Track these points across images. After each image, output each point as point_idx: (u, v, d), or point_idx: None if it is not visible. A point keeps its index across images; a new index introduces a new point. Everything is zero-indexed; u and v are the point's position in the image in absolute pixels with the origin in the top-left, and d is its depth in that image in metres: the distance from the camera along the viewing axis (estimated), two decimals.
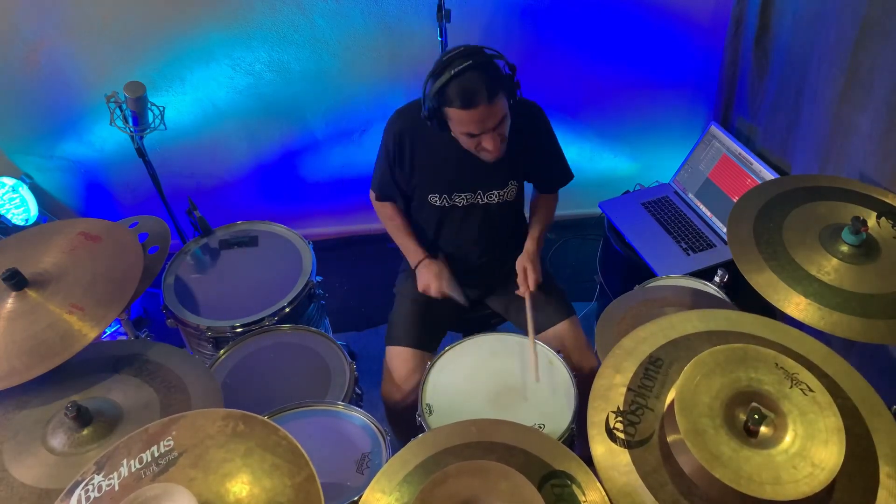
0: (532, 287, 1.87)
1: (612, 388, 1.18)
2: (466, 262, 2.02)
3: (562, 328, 1.92)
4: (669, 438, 1.08)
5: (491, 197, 1.90)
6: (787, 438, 1.04)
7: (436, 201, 1.91)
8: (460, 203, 1.91)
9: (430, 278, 1.92)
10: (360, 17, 2.48)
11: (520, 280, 1.89)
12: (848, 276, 1.40)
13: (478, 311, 2.13)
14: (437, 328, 2.03)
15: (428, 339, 1.97)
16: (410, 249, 2.01)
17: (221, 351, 1.89)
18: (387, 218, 2.06)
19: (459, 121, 1.63)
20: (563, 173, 2.02)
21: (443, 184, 1.88)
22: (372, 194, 2.06)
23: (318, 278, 2.12)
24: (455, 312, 2.05)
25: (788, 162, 2.29)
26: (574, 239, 3.18)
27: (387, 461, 1.26)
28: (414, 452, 1.24)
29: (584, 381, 1.60)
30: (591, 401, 1.17)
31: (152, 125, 2.24)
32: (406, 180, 1.92)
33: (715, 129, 2.48)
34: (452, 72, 1.58)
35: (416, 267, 1.98)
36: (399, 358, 1.92)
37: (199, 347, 2.05)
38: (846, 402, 1.14)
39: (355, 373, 1.81)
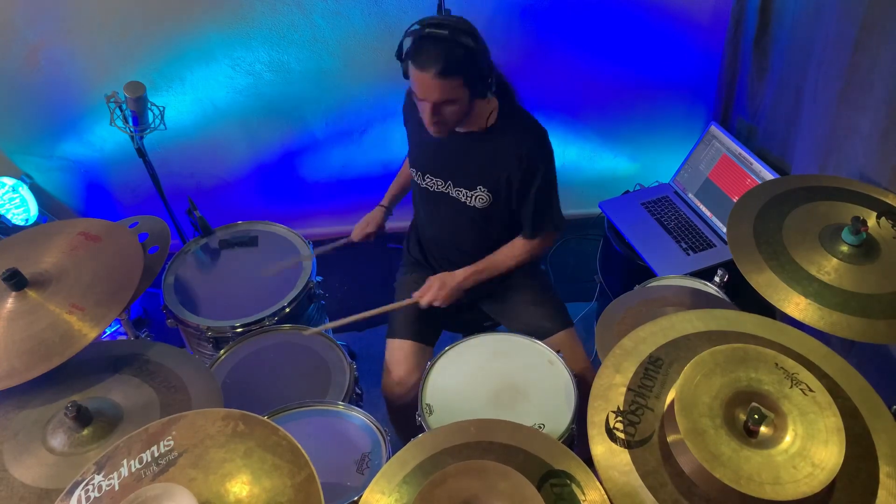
0: (423, 302, 1.87)
1: (611, 388, 1.18)
2: (450, 255, 2.02)
3: (558, 339, 1.92)
4: (669, 438, 1.08)
5: (459, 194, 1.88)
6: (787, 438, 1.04)
7: (414, 175, 1.94)
8: (432, 188, 1.91)
9: (360, 223, 2.14)
10: (360, 17, 2.48)
11: (423, 288, 1.89)
12: (848, 276, 1.40)
13: (474, 313, 2.13)
14: (435, 322, 2.04)
15: (426, 333, 1.98)
16: (388, 192, 2.21)
17: (221, 351, 1.89)
18: (404, 163, 2.18)
19: (411, 76, 1.63)
20: (544, 219, 1.87)
21: (421, 162, 1.92)
22: None
23: (318, 278, 2.12)
24: (452, 309, 2.05)
25: (788, 162, 2.29)
26: (574, 239, 3.18)
27: (387, 461, 1.26)
28: (413, 453, 1.24)
29: (580, 390, 1.61)
30: (591, 401, 1.17)
31: (152, 125, 2.24)
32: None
33: (715, 129, 2.48)
34: (427, 31, 1.58)
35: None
36: (399, 350, 1.92)
37: (199, 347, 2.05)
38: (846, 402, 1.14)
39: (355, 373, 1.81)
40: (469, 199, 1.86)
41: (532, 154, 1.78)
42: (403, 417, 1.93)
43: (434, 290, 1.87)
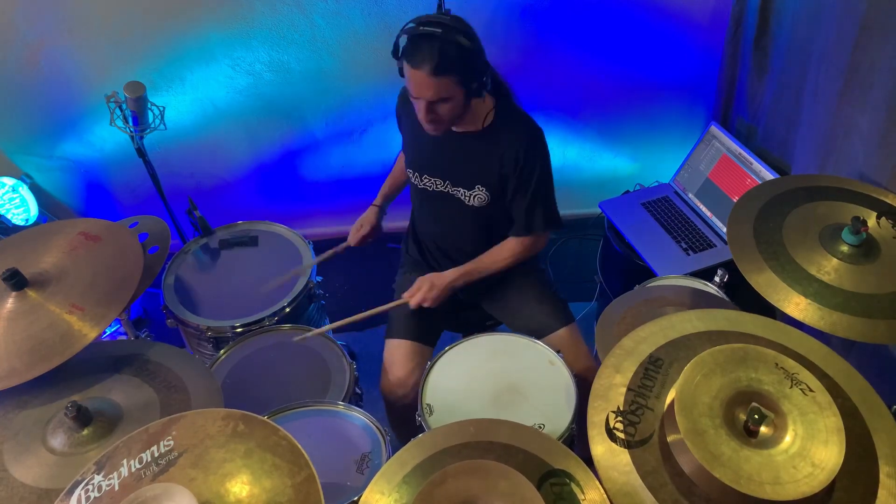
0: (413, 303, 1.87)
1: (612, 388, 1.18)
2: (451, 254, 2.02)
3: (560, 335, 1.92)
4: (669, 438, 1.08)
5: (457, 192, 1.88)
6: (787, 438, 1.04)
7: (411, 177, 1.94)
8: (430, 187, 1.91)
9: (356, 225, 2.11)
10: (360, 17, 2.48)
11: (412, 289, 1.89)
12: (848, 276, 1.40)
13: (474, 312, 2.13)
14: (435, 323, 2.04)
15: (426, 333, 1.97)
16: (381, 189, 2.20)
17: (221, 351, 1.89)
18: (396, 161, 2.20)
19: (406, 74, 1.64)
20: (535, 217, 1.86)
21: (418, 162, 1.92)
22: None
23: (318, 278, 2.12)
24: (452, 310, 2.05)
25: (788, 162, 2.29)
26: (574, 239, 3.18)
27: (387, 461, 1.26)
28: (413, 453, 1.24)
29: (582, 388, 1.61)
30: (591, 401, 1.17)
31: (152, 125, 2.25)
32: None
33: (715, 129, 2.48)
34: (421, 29, 1.59)
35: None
36: (398, 351, 1.92)
37: (199, 347, 2.05)
38: (846, 402, 1.14)
39: (355, 373, 1.81)
40: (468, 198, 1.87)
41: (528, 153, 1.78)
42: (402, 418, 1.93)
43: (423, 291, 1.87)
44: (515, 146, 1.77)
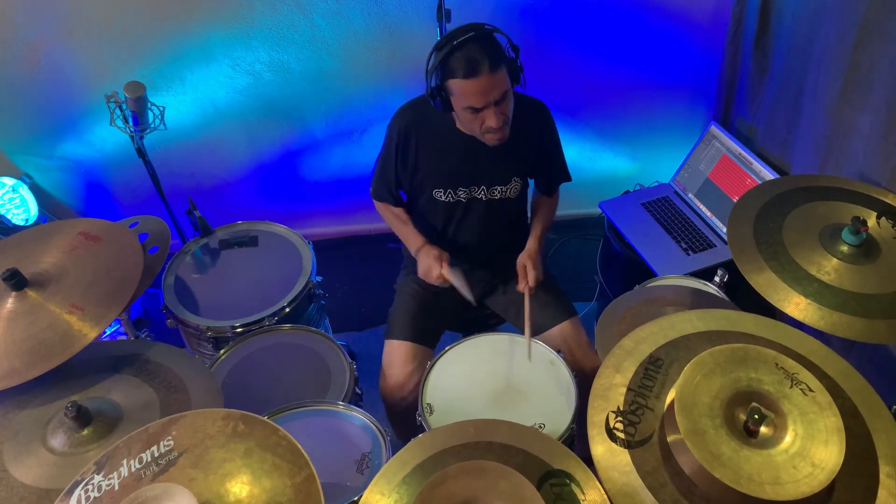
0: (532, 283, 1.85)
1: (612, 388, 1.18)
2: (468, 260, 2.02)
3: (564, 328, 1.93)
4: (669, 438, 1.08)
5: (494, 192, 1.90)
6: (787, 438, 1.04)
7: (441, 196, 1.91)
8: (464, 198, 1.91)
9: (431, 262, 1.86)
10: (360, 17, 2.48)
11: (520, 277, 1.89)
12: (848, 276, 1.40)
13: (477, 310, 2.12)
14: (436, 324, 2.04)
15: (426, 335, 1.96)
16: (411, 235, 1.99)
17: (221, 351, 1.89)
18: (385, 209, 2.08)
19: (462, 93, 1.62)
20: (563, 173, 2.05)
21: (447, 178, 1.89)
22: (371, 192, 2.08)
23: (318, 278, 2.12)
24: (454, 310, 2.05)
25: (788, 162, 2.29)
26: (574, 239, 3.18)
27: (387, 461, 1.26)
28: (413, 453, 1.24)
29: (586, 381, 1.60)
30: (591, 401, 1.17)
31: (152, 125, 2.25)
32: (410, 176, 1.92)
33: (715, 129, 2.48)
34: (454, 42, 1.60)
35: (416, 252, 1.95)
36: (397, 352, 1.91)
37: (199, 347, 2.05)
38: (846, 402, 1.14)
39: (355, 373, 1.81)
40: (504, 192, 1.91)
41: (549, 125, 1.94)
42: (402, 419, 1.93)
43: (532, 270, 1.86)
44: (540, 125, 1.91)
